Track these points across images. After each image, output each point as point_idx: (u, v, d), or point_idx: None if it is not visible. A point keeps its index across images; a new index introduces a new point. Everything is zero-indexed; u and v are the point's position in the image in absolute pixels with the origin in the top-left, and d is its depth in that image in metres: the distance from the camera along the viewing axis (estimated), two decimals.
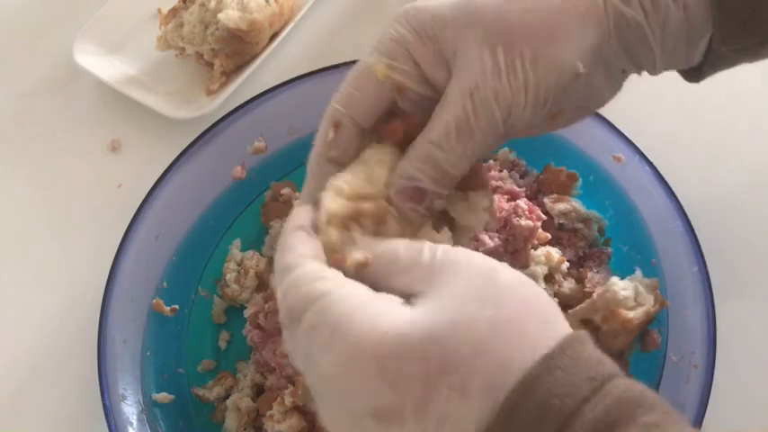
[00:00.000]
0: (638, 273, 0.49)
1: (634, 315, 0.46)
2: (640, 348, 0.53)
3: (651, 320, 0.49)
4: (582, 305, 0.49)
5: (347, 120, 0.37)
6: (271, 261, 0.59)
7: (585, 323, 0.48)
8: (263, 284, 0.58)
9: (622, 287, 0.47)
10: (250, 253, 0.59)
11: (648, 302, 0.47)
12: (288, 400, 0.50)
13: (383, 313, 0.30)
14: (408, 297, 0.31)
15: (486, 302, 0.29)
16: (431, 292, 0.30)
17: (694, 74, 0.41)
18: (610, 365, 0.29)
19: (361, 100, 0.37)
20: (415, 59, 0.37)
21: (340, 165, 0.37)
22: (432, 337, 0.28)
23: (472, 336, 0.28)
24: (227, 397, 0.55)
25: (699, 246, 0.53)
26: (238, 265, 0.59)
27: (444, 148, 0.36)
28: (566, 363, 0.28)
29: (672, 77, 0.41)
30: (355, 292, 0.31)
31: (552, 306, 0.31)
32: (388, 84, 0.37)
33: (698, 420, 0.48)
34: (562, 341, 0.29)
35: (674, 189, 0.55)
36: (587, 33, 0.36)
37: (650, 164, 0.56)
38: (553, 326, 0.30)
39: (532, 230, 0.53)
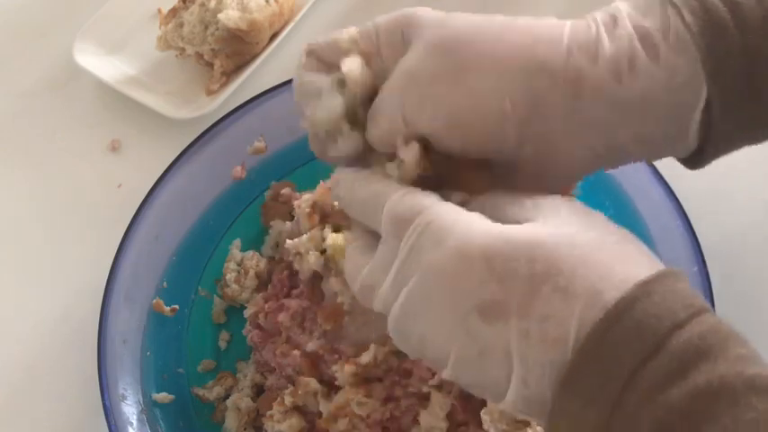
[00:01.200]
0: None
1: None
2: None
3: None
4: None
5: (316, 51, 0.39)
6: (271, 261, 0.59)
7: None
8: (263, 284, 0.58)
9: None
10: (250, 253, 0.59)
11: None
12: (288, 400, 0.50)
13: (490, 223, 0.31)
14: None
15: (590, 227, 0.31)
16: (537, 219, 0.31)
17: (695, 158, 0.37)
18: (703, 300, 0.29)
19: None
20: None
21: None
22: (538, 242, 0.30)
23: (577, 249, 0.30)
24: (227, 397, 0.55)
25: (699, 246, 0.53)
26: (238, 265, 0.59)
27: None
28: (662, 290, 0.29)
29: None
30: (459, 209, 0.32)
31: (645, 246, 0.32)
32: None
33: None
34: (660, 272, 0.29)
35: (674, 189, 0.55)
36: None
37: (650, 164, 0.55)
38: (650, 259, 0.31)
39: None
